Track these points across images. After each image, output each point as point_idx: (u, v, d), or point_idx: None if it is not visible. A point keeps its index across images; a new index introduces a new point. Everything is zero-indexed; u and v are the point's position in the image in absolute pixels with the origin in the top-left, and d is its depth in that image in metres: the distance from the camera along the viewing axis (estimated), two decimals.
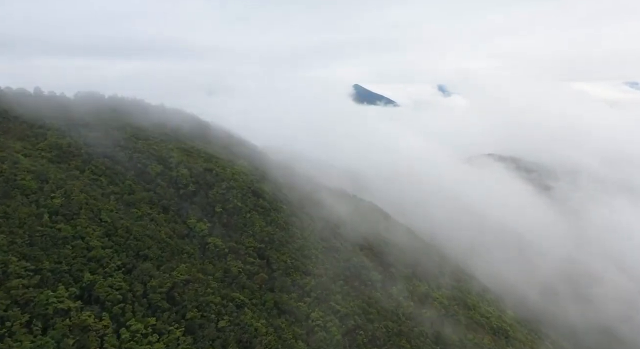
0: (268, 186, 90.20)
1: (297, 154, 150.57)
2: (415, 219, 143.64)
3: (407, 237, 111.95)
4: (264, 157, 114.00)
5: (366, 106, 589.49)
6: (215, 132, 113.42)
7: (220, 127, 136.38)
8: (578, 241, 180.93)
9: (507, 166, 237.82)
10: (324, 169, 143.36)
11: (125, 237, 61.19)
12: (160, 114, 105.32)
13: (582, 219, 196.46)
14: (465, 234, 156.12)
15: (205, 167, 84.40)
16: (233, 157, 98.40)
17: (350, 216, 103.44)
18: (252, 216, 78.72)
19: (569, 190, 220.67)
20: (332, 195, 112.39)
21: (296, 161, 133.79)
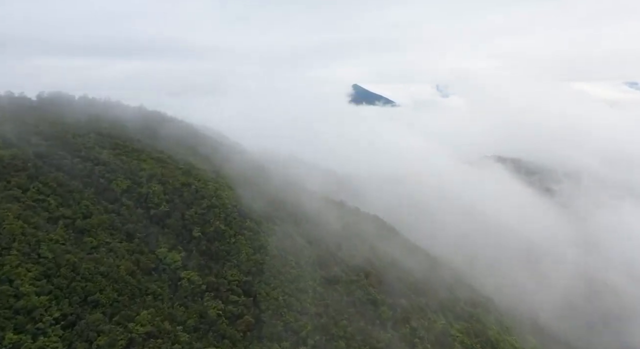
0: (257, 202, 76.20)
1: (292, 159, 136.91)
2: (417, 226, 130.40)
3: (414, 255, 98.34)
4: (256, 166, 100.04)
5: (365, 106, 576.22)
6: (202, 138, 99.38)
7: (210, 131, 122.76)
8: (588, 247, 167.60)
9: (508, 167, 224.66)
10: (320, 175, 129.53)
11: (70, 279, 47.34)
12: (137, 118, 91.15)
13: (589, 224, 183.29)
14: (470, 241, 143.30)
15: (182, 181, 70.40)
16: (218, 168, 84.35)
17: (351, 232, 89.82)
18: (238, 241, 64.77)
19: (573, 193, 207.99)
20: (331, 207, 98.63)
21: (291, 168, 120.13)
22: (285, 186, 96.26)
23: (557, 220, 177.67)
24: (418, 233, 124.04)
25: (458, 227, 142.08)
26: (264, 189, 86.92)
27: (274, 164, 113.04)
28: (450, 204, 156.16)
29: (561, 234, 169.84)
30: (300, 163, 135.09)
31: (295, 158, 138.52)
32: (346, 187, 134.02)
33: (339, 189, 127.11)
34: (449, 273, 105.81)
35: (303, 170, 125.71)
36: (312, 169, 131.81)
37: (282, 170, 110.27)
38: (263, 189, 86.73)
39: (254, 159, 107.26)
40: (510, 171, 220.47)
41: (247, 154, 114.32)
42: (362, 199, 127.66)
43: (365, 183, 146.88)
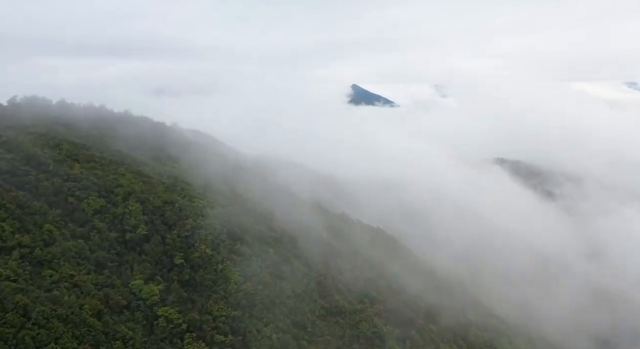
0: (249, 218, 67.85)
1: (288, 164, 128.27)
2: (417, 233, 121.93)
3: (420, 274, 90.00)
4: (250, 175, 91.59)
5: (364, 106, 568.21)
6: (191, 146, 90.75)
7: (203, 137, 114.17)
8: (596, 256, 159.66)
9: (508, 170, 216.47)
10: (317, 181, 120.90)
11: (19, 326, 38.88)
12: (121, 125, 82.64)
13: (594, 230, 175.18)
14: (473, 250, 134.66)
15: (165, 199, 61.92)
16: (207, 180, 75.87)
17: (353, 249, 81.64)
18: (226, 268, 56.31)
19: (575, 197, 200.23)
20: (330, 221, 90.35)
21: (287, 174, 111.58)
22: (280, 196, 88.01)
23: (561, 226, 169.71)
24: (419, 242, 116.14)
25: (460, 235, 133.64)
26: (257, 202, 78.63)
27: (267, 171, 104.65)
28: (451, 210, 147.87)
29: (567, 242, 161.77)
30: (296, 168, 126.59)
31: (291, 163, 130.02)
32: (344, 194, 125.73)
33: (336, 196, 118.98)
34: (457, 291, 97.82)
35: (299, 176, 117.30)
36: (308, 175, 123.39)
37: (276, 178, 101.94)
38: (256, 202, 78.44)
39: (246, 166, 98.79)
40: (511, 173, 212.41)
41: (240, 160, 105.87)
42: (360, 206, 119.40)
43: (363, 189, 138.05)
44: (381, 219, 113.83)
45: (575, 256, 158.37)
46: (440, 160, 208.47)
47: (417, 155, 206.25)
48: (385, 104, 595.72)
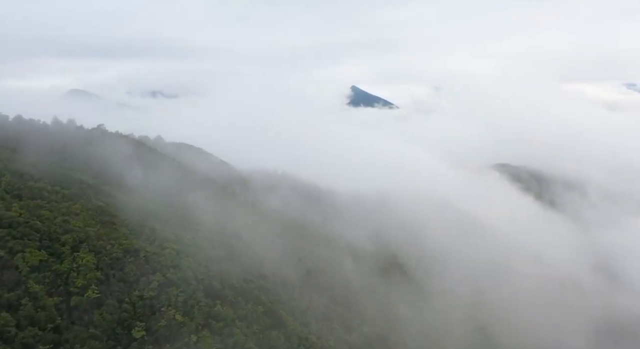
0: (234, 264, 54.91)
1: (282, 177, 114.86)
2: (417, 252, 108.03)
3: (435, 312, 77.51)
4: (237, 202, 78.50)
5: (363, 108, 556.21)
6: (174, 166, 77.49)
7: (190, 151, 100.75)
8: (606, 271, 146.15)
9: (509, 177, 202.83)
10: (307, 198, 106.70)
11: None
12: (90, 145, 69.47)
13: (602, 243, 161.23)
14: (478, 267, 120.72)
15: (127, 246, 48.94)
16: (186, 212, 62.86)
17: (363, 289, 68.90)
18: (202, 339, 43.48)
19: (579, 206, 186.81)
20: (334, 254, 77.41)
21: (278, 196, 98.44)
22: (270, 224, 75.09)
23: (568, 239, 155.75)
24: (422, 264, 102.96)
25: (463, 251, 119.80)
26: (245, 237, 65.69)
27: (258, 192, 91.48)
28: (453, 224, 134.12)
29: (575, 256, 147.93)
30: (288, 184, 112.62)
31: (283, 179, 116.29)
32: (339, 210, 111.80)
33: (330, 213, 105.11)
34: (473, 327, 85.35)
35: (291, 196, 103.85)
36: (301, 191, 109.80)
37: (267, 200, 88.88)
38: (244, 237, 65.50)
39: (234, 189, 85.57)
40: (512, 180, 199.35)
41: (229, 179, 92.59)
42: (356, 222, 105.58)
43: (358, 202, 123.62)
44: (379, 236, 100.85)
45: (585, 271, 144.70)
46: (440, 167, 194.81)
47: (416, 162, 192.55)
48: (385, 105, 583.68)
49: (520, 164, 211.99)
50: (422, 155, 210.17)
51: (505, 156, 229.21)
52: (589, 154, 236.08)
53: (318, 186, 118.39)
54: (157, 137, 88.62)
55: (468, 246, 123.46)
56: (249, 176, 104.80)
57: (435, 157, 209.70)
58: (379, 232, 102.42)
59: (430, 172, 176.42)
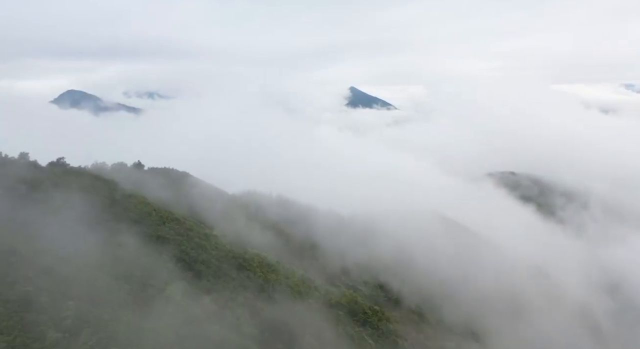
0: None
1: (274, 202, 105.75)
2: (416, 281, 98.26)
3: None
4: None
5: (361, 109, 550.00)
6: (149, 215, 69.30)
7: (174, 179, 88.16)
8: (618, 295, 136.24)
9: (508, 186, 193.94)
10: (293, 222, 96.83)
11: None
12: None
13: (609, 262, 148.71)
14: (481, 294, 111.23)
15: None
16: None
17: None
18: None
19: (583, 220, 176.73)
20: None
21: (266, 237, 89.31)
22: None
23: (575, 258, 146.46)
24: (418, 295, 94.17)
25: (468, 276, 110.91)
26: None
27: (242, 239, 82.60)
28: (451, 243, 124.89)
29: (583, 276, 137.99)
30: (283, 206, 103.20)
31: (280, 199, 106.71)
32: (323, 234, 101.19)
33: (312, 234, 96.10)
34: None
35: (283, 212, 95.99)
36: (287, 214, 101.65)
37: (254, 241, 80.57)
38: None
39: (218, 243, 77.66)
40: (510, 189, 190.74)
41: (214, 209, 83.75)
42: (339, 251, 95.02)
43: (345, 224, 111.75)
44: (373, 267, 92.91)
45: (595, 294, 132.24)
46: (435, 177, 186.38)
47: (409, 173, 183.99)
48: (383, 106, 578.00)
49: (519, 172, 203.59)
50: (416, 164, 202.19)
51: (502, 163, 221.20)
52: (590, 161, 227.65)
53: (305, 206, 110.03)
54: (135, 164, 79.58)
55: (472, 270, 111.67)
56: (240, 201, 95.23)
57: (430, 166, 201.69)
58: (372, 261, 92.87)
59: (424, 185, 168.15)
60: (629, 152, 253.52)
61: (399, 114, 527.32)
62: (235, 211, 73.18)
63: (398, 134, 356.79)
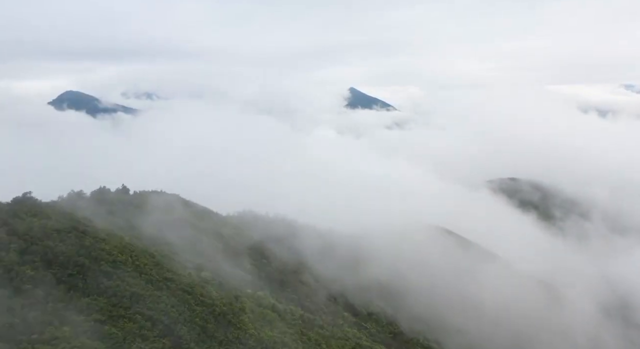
0: None
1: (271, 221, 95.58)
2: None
3: None
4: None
5: (360, 109, 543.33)
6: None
7: (154, 201, 78.70)
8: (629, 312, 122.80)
9: (508, 194, 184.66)
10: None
11: None
12: None
13: (617, 278, 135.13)
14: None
15: None
16: None
17: None
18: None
19: (584, 229, 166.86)
20: None
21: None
22: None
23: (581, 274, 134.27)
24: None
25: (469, 300, 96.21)
26: None
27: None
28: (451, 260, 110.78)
29: (592, 296, 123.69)
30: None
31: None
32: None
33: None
34: None
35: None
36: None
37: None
38: None
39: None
40: (510, 197, 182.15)
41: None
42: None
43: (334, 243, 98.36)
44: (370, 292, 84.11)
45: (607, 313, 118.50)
46: (433, 186, 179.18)
47: (406, 182, 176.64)
48: (383, 107, 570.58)
49: (519, 178, 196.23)
50: (414, 171, 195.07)
51: (502, 167, 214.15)
52: (590, 166, 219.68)
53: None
54: (120, 189, 73.72)
55: (476, 292, 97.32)
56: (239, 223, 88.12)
57: (427, 173, 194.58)
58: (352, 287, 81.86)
59: (422, 194, 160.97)
60: (628, 157, 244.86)
61: (399, 115, 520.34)
62: (216, 243, 66.71)
63: (396, 138, 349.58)
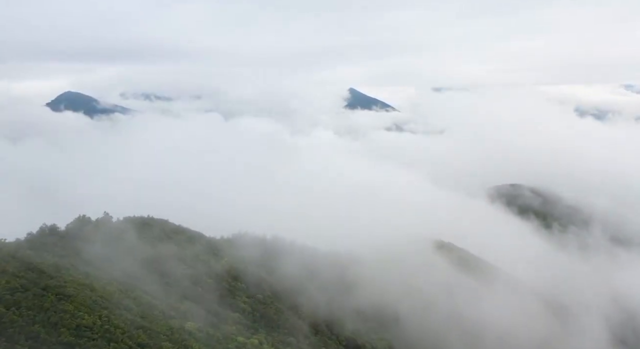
0: None
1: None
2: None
3: None
4: None
5: (360, 110, 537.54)
6: None
7: (139, 230, 74.15)
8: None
9: (507, 202, 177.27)
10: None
11: None
12: None
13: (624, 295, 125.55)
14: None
15: None
16: None
17: None
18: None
19: (586, 238, 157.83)
20: None
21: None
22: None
23: (588, 288, 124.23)
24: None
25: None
26: None
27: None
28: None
29: (600, 313, 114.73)
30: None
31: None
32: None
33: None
34: None
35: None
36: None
37: None
38: None
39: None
40: (509, 205, 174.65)
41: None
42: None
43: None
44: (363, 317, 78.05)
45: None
46: (429, 193, 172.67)
47: (402, 190, 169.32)
48: (382, 107, 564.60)
49: (519, 184, 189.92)
50: (410, 178, 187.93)
51: (500, 173, 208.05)
52: (589, 173, 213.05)
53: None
54: (102, 217, 69.26)
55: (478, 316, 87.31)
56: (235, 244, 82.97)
57: (424, 180, 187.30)
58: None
59: (420, 203, 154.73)
60: (628, 162, 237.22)
61: (398, 116, 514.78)
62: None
63: (394, 141, 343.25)
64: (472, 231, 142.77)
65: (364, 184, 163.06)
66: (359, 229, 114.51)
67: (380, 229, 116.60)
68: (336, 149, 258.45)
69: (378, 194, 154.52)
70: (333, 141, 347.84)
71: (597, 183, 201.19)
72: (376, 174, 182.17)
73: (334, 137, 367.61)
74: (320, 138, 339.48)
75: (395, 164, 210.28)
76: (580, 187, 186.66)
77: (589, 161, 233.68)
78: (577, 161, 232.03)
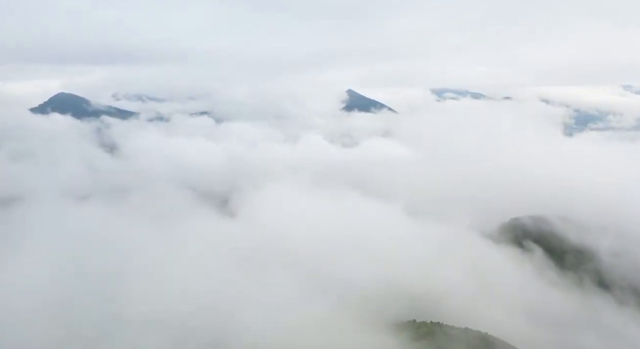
0: None
1: None
2: None
3: None
4: None
5: (357, 113, 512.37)
6: None
7: None
8: None
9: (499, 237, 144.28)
10: None
11: None
12: None
13: None
14: None
15: None
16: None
17: None
18: None
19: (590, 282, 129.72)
20: None
21: None
22: None
23: None
24: None
25: None
26: None
27: None
28: None
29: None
30: None
31: None
32: None
33: None
34: None
35: None
36: None
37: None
38: None
39: None
40: (500, 240, 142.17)
41: None
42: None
43: None
44: None
45: None
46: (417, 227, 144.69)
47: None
48: (381, 109, 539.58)
49: (512, 216, 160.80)
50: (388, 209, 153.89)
51: (491, 199, 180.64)
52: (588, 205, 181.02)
53: None
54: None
55: None
56: None
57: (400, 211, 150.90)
58: None
59: (401, 241, 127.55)
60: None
61: (397, 118, 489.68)
62: None
63: (389, 148, 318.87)
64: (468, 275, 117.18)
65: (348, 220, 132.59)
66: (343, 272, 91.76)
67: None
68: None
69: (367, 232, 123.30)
70: (324, 148, 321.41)
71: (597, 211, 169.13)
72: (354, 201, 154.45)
73: (326, 143, 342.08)
74: (310, 145, 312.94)
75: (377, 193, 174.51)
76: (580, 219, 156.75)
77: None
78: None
